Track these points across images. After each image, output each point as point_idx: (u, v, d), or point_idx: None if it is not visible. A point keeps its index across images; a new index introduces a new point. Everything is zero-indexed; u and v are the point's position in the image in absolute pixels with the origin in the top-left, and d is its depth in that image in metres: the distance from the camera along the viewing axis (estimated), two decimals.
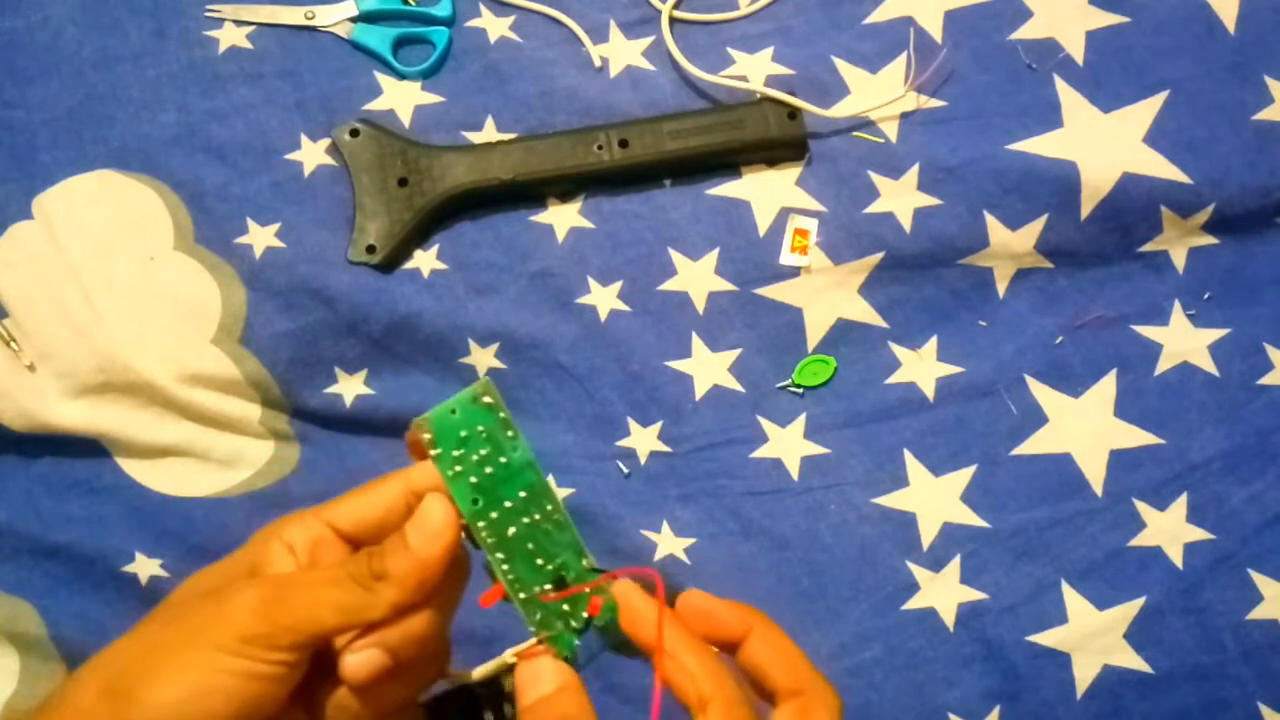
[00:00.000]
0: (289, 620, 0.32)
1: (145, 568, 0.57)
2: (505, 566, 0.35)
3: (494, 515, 0.35)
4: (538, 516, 0.36)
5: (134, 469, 0.59)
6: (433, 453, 0.35)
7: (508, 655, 0.35)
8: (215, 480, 0.59)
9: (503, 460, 0.35)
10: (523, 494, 0.36)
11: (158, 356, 0.57)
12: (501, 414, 0.35)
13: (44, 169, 0.60)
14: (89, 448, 0.58)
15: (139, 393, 0.57)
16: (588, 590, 0.36)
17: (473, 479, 0.35)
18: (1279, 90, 0.59)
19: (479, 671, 0.36)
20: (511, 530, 0.35)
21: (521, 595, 0.36)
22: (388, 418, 0.59)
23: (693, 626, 0.35)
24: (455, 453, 0.35)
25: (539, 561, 0.36)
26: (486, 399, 0.35)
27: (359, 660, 0.34)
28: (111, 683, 0.32)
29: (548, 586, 0.36)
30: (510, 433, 0.36)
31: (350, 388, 0.59)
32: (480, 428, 0.35)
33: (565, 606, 0.36)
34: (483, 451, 0.35)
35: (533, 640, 0.35)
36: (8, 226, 0.59)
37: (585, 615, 0.36)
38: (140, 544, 0.57)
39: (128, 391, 0.57)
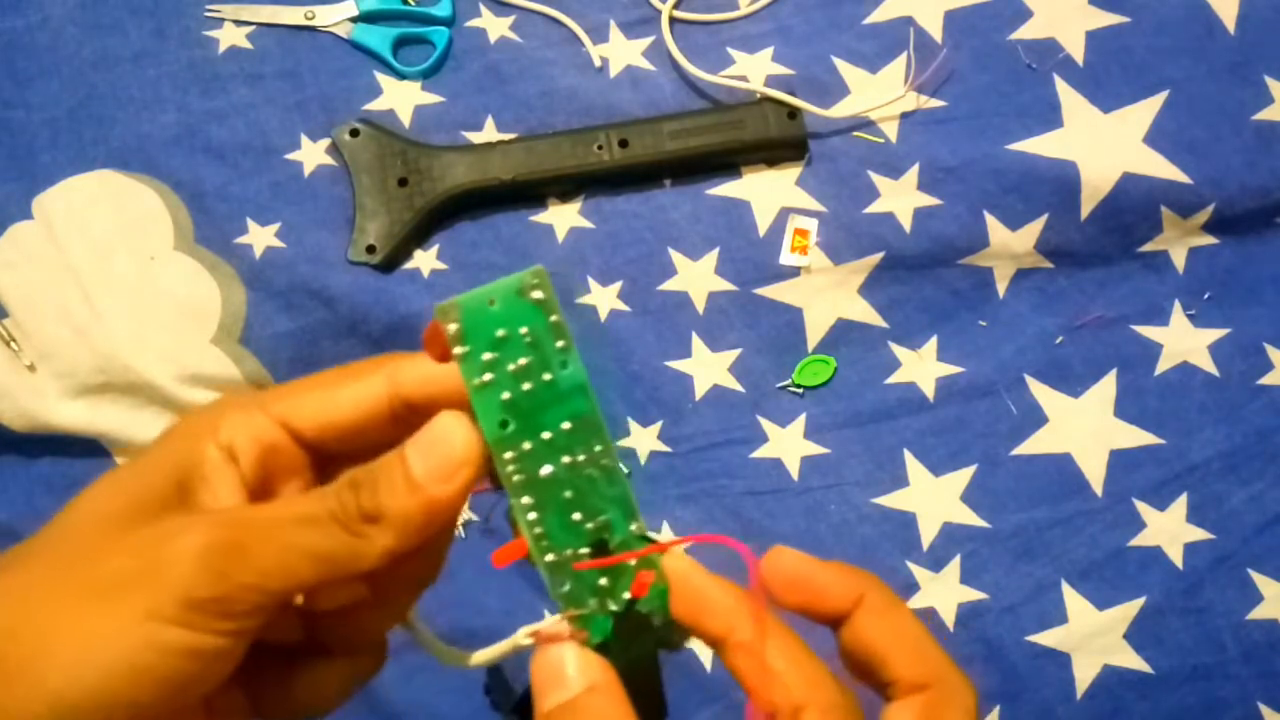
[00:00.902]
0: (252, 576, 0.24)
1: None
2: (532, 515, 0.27)
3: (526, 446, 0.27)
4: (582, 457, 0.28)
5: None
6: (458, 350, 0.27)
7: (521, 635, 0.28)
8: None
9: (547, 377, 0.27)
10: (567, 425, 0.28)
11: (158, 356, 0.57)
12: (553, 317, 0.27)
13: (44, 169, 0.59)
14: (89, 448, 0.58)
15: (139, 393, 0.57)
16: (634, 561, 0.28)
17: (505, 395, 0.27)
18: (1279, 90, 0.59)
19: (479, 657, 0.29)
20: (546, 470, 0.28)
21: (549, 557, 0.28)
22: None
23: (783, 597, 0.28)
24: (486, 356, 0.27)
25: (576, 516, 0.28)
26: (536, 294, 0.27)
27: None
28: None
29: (584, 550, 0.28)
30: (561, 343, 0.27)
31: None
32: (523, 330, 0.27)
33: (603, 580, 0.28)
34: (522, 361, 0.27)
35: (556, 618, 0.28)
36: (8, 226, 0.59)
37: (627, 596, 0.28)
38: None
39: (128, 391, 0.57)
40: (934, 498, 0.58)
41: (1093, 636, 0.56)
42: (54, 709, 0.23)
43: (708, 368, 0.59)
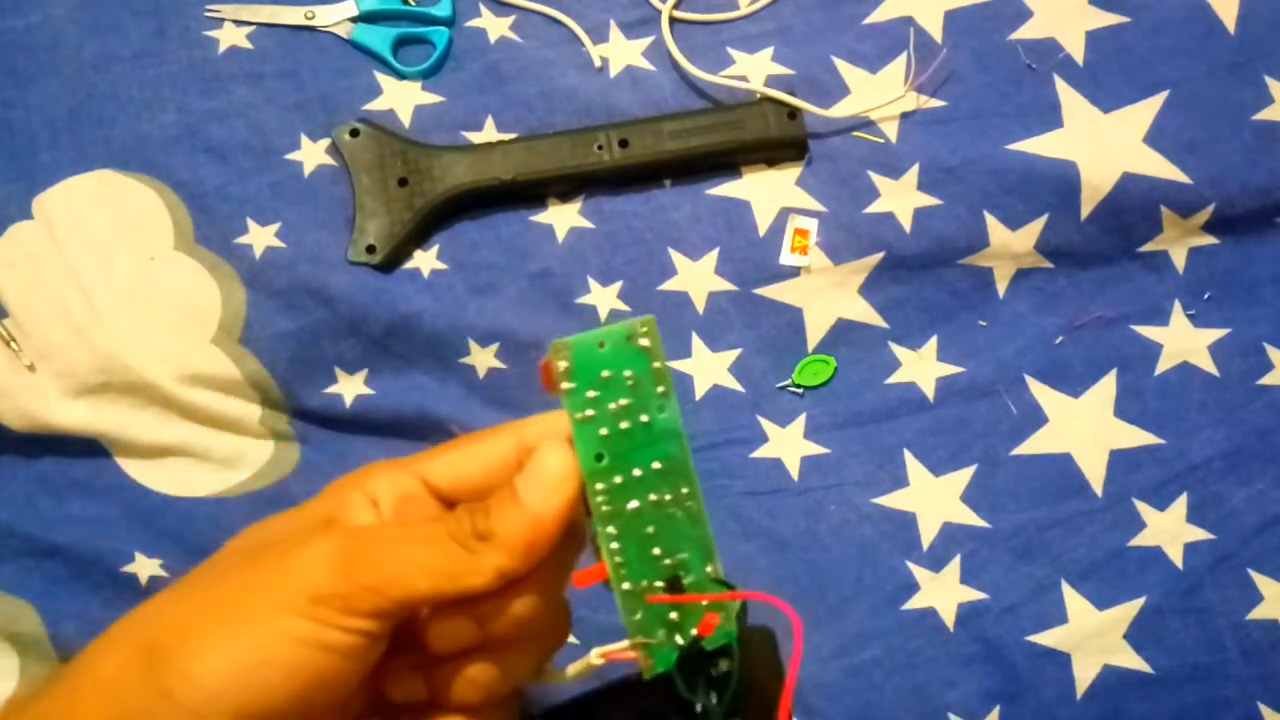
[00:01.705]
0: (372, 580, 0.27)
1: (145, 568, 0.57)
2: (615, 545, 0.30)
3: (617, 480, 0.30)
4: (668, 497, 0.30)
5: (134, 469, 0.59)
6: (565, 386, 0.29)
7: (593, 655, 0.30)
8: (215, 480, 0.59)
9: (644, 419, 0.30)
10: (657, 465, 0.30)
11: (158, 356, 0.57)
12: (656, 364, 0.30)
13: (44, 169, 0.59)
14: (89, 448, 0.58)
15: (139, 393, 0.57)
16: (706, 602, 0.30)
17: (603, 431, 0.30)
18: (1279, 90, 0.59)
19: (572, 670, 0.31)
20: (633, 504, 0.30)
21: (625, 585, 0.30)
22: (388, 418, 0.59)
23: None
24: (590, 393, 0.30)
25: (656, 551, 0.30)
26: (644, 341, 0.30)
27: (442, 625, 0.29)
28: (147, 645, 0.27)
29: (659, 584, 0.30)
30: (661, 388, 0.30)
31: (350, 388, 0.59)
32: (627, 373, 0.30)
33: (674, 614, 0.30)
34: (623, 401, 0.30)
35: (624, 643, 0.30)
36: (8, 226, 0.59)
37: (695, 632, 0.30)
38: (140, 544, 0.57)
39: (128, 391, 0.57)
40: (934, 498, 0.58)
41: (1093, 636, 0.56)
42: (196, 697, 0.26)
43: (708, 368, 0.59)
